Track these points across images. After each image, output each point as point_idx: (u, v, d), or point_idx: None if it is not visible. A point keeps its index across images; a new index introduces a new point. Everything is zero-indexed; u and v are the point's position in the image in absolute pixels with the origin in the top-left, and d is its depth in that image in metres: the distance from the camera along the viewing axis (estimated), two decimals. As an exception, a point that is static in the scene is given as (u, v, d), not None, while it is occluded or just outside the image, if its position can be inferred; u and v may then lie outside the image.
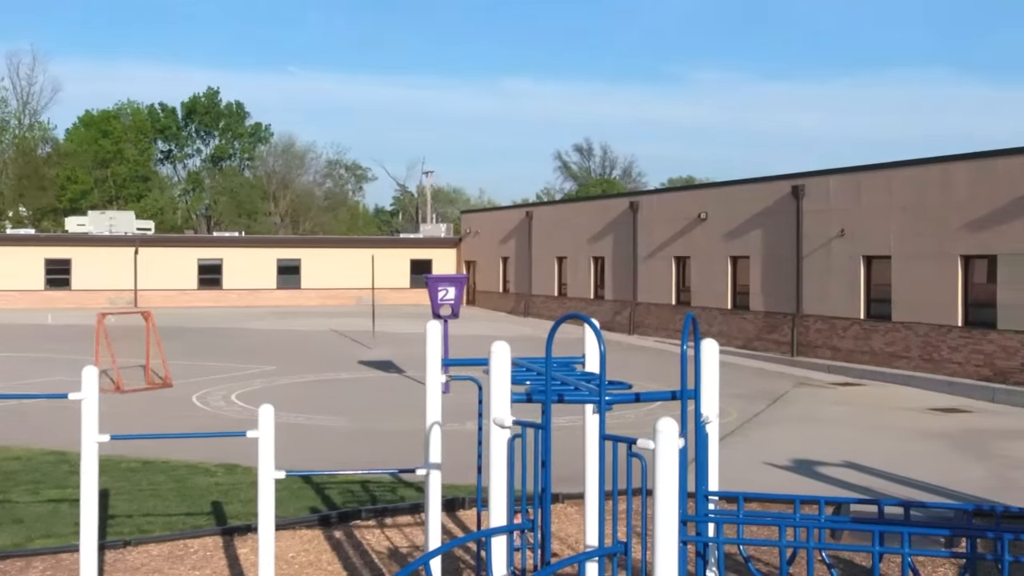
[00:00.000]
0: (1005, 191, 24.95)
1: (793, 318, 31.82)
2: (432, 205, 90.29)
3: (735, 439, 18.25)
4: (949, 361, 26.29)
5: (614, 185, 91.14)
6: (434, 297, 25.04)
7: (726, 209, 35.66)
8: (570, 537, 11.54)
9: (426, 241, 63.67)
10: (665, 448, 5.70)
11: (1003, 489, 14.39)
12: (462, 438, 15.37)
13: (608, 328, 41.65)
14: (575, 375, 8.24)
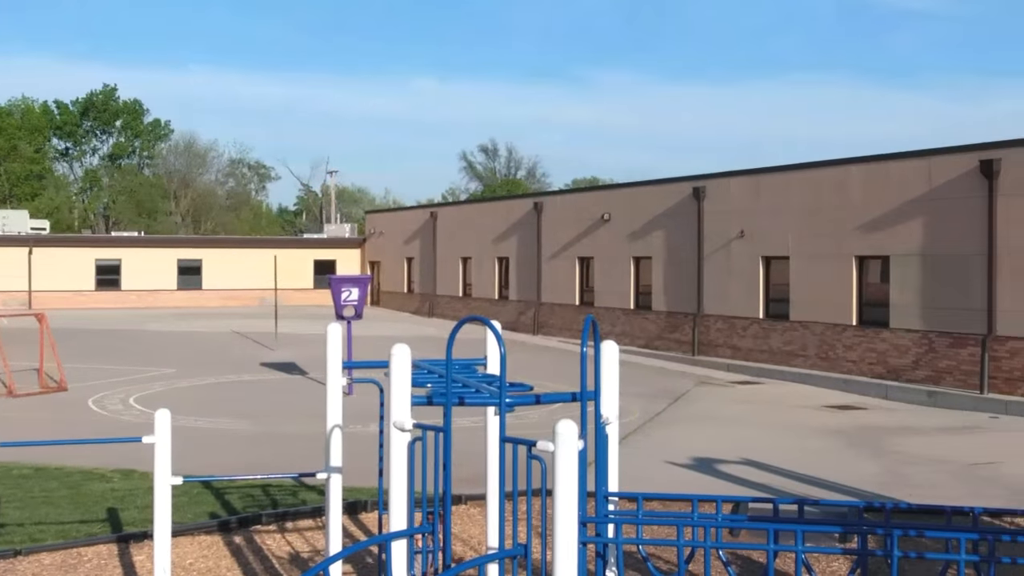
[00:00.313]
0: (897, 194, 25.60)
1: (694, 318, 32.26)
2: (336, 205, 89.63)
3: (637, 438, 18.43)
4: (844, 359, 26.89)
5: (519, 186, 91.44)
6: (337, 298, 24.86)
7: (629, 210, 36.01)
8: (473, 539, 11.54)
9: (330, 241, 63.17)
10: (565, 450, 5.73)
11: (895, 484, 14.76)
12: (365, 440, 15.29)
13: (512, 328, 41.77)
14: (477, 377, 8.24)
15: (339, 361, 8.62)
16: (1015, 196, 22.73)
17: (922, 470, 15.94)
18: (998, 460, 16.73)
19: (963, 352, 23.72)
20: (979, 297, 23.39)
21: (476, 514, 12.31)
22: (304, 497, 13.55)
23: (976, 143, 24.11)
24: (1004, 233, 22.91)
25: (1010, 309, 22.78)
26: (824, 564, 10.59)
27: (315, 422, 17.32)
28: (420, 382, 7.79)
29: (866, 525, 6.41)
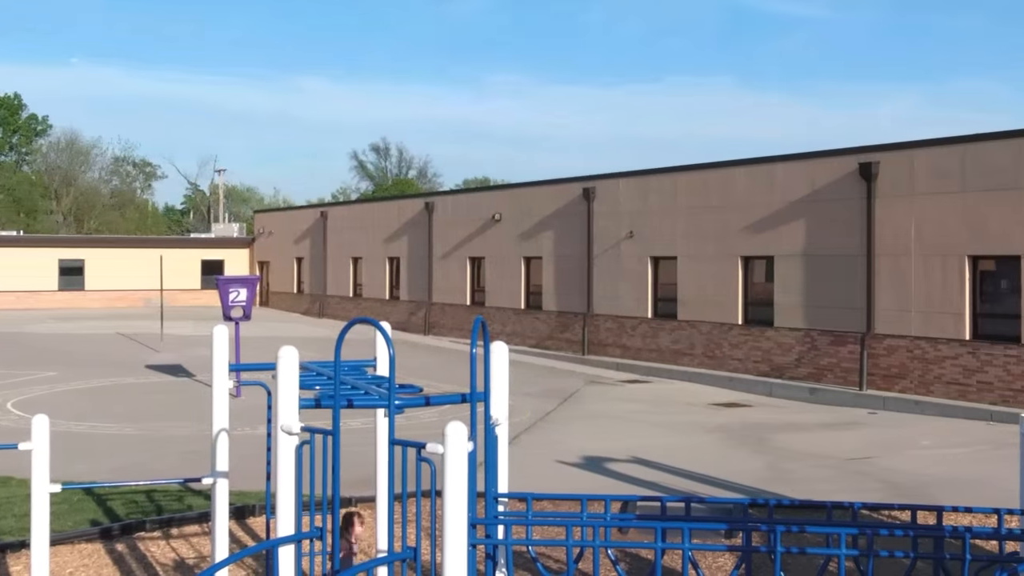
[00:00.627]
0: (781, 195, 26.16)
1: (584, 317, 32.53)
2: (224, 204, 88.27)
3: (528, 438, 18.51)
4: (730, 358, 27.38)
5: (410, 185, 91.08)
6: (225, 299, 24.49)
7: (520, 210, 36.15)
8: (362, 541, 11.46)
9: (218, 241, 62.13)
10: (454, 452, 5.73)
11: (778, 480, 15.08)
12: (253, 443, 15.07)
13: (403, 328, 41.62)
14: (366, 379, 8.19)
15: (225, 364, 8.49)
16: (892, 198, 23.42)
17: (804, 465, 16.31)
18: (875, 455, 17.21)
19: (843, 350, 24.35)
20: (859, 296, 24.03)
21: (366, 516, 12.21)
22: (190, 502, 13.31)
23: (855, 146, 24.77)
24: (882, 234, 23.58)
25: (888, 308, 23.46)
26: (710, 560, 10.77)
27: (201, 425, 17.02)
28: (308, 384, 7.71)
29: (750, 522, 6.54)
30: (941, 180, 22.59)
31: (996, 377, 21.35)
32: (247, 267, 59.98)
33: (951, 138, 22.90)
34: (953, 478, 15.22)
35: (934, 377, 22.47)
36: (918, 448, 18.01)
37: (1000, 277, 22.13)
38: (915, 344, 22.91)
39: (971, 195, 21.99)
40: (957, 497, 13.08)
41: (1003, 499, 10.68)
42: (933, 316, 22.61)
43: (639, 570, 9.80)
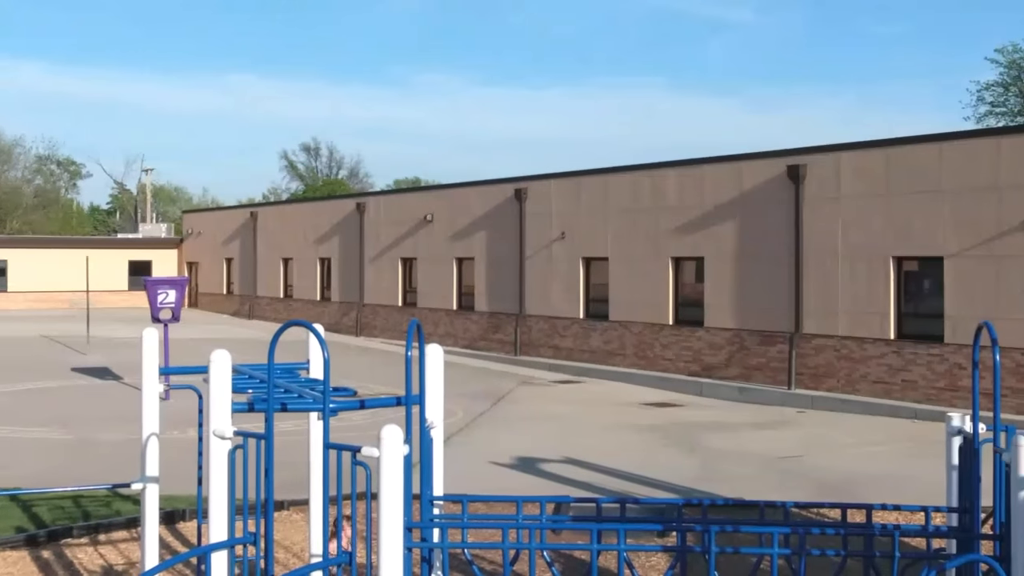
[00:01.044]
0: (711, 197, 26.43)
1: (516, 318, 32.59)
2: (152, 204, 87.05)
3: (461, 439, 18.50)
4: (661, 358, 27.60)
5: (341, 185, 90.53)
6: (153, 300, 24.16)
7: (452, 211, 36.11)
8: (295, 545, 11.38)
9: (146, 242, 61.26)
10: (389, 456, 5.71)
11: (710, 479, 15.23)
12: (183, 447, 14.90)
13: (335, 330, 41.36)
14: (299, 381, 8.13)
15: (155, 367, 8.37)
16: (819, 200, 23.77)
17: (735, 464, 16.49)
18: (804, 453, 17.45)
19: (772, 349, 24.66)
20: (787, 297, 24.35)
21: (299, 520, 12.14)
22: (118, 508, 13.10)
23: (783, 149, 25.11)
24: (809, 235, 23.92)
25: (815, 308, 23.80)
26: (644, 560, 10.84)
27: (130, 429, 16.76)
28: (241, 388, 7.63)
29: (684, 522, 6.60)
30: (866, 182, 22.98)
31: (920, 376, 21.76)
32: (175, 268, 59.21)
33: (876, 141, 23.31)
34: (879, 475, 15.48)
35: (860, 376, 22.84)
36: (845, 446, 18.29)
37: (924, 278, 22.58)
38: (842, 344, 23.27)
39: (895, 197, 22.39)
40: (883, 494, 13.30)
41: (928, 496, 10.88)
42: (859, 316, 22.98)
43: (574, 571, 9.83)
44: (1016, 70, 62.03)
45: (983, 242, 20.84)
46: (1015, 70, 62.03)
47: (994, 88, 63.45)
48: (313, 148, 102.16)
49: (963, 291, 21.19)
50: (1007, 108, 63.06)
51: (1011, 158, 20.56)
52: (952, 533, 6.66)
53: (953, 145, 21.67)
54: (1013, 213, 20.39)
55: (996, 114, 63.10)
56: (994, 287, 20.66)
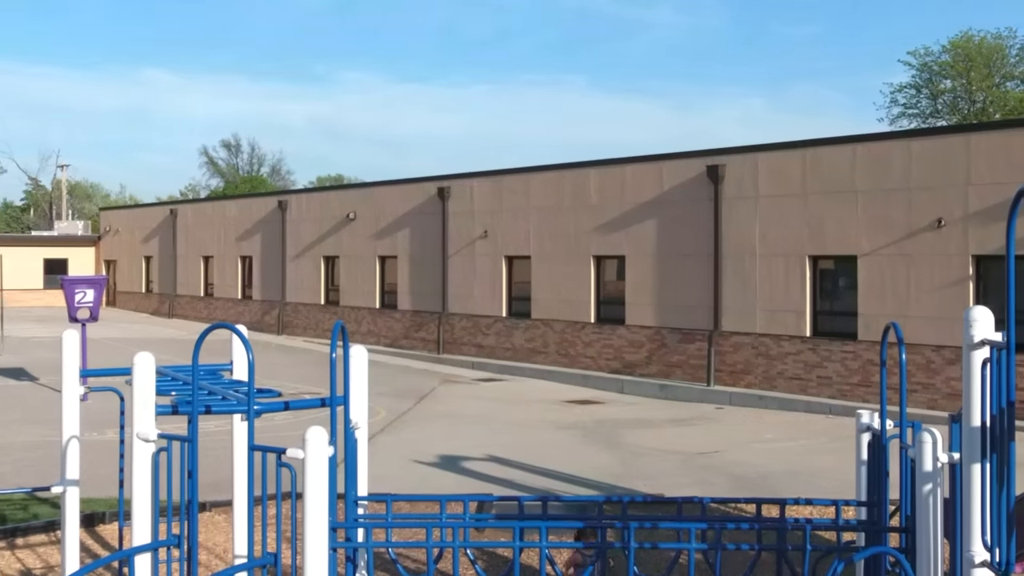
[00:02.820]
0: (632, 196, 26.73)
1: (439, 317, 32.64)
2: (68, 201, 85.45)
3: (384, 438, 18.53)
4: (583, 356, 27.86)
5: (262, 183, 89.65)
6: (71, 300, 23.80)
7: (374, 209, 36.04)
8: (218, 547, 11.34)
9: (62, 239, 60.12)
10: (314, 458, 5.78)
11: (631, 476, 15.46)
12: (102, 449, 14.75)
13: (257, 328, 41.03)
14: (223, 383, 8.13)
15: (76, 369, 8.33)
16: (738, 200, 24.19)
17: (654, 461, 16.75)
18: (722, 449, 17.77)
19: (691, 347, 25.04)
20: (706, 295, 24.74)
21: (221, 521, 12.10)
22: (36, 511, 12.92)
23: (703, 149, 25.51)
24: (728, 235, 24.33)
25: (733, 306, 24.22)
26: (568, 555, 11.00)
27: (47, 431, 16.54)
28: (164, 390, 7.62)
29: (605, 519, 6.75)
30: (783, 183, 23.44)
31: (835, 372, 22.26)
32: (93, 266, 58.24)
33: (792, 142, 23.79)
34: (794, 470, 15.83)
35: (777, 373, 23.29)
36: (762, 442, 18.66)
37: (838, 276, 23.10)
38: (759, 341, 23.71)
39: (811, 197, 22.87)
40: (798, 489, 13.61)
41: (841, 490, 11.18)
42: (776, 314, 23.44)
43: (497, 568, 9.96)
44: (928, 73, 63.49)
45: (895, 241, 21.39)
46: (927, 73, 63.50)
47: (907, 90, 64.91)
48: (234, 144, 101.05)
49: (876, 289, 21.72)
50: (919, 110, 64.55)
51: (921, 160, 21.12)
52: (861, 527, 6.90)
53: (866, 147, 22.20)
54: (923, 213, 20.95)
55: (909, 115, 64.55)
56: (905, 285, 21.21)
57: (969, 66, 60.71)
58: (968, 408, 5.50)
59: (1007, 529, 5.16)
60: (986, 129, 22.48)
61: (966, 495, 5.51)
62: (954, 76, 62.16)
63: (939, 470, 6.09)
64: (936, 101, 63.90)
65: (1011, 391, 5.25)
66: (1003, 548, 5.17)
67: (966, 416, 5.53)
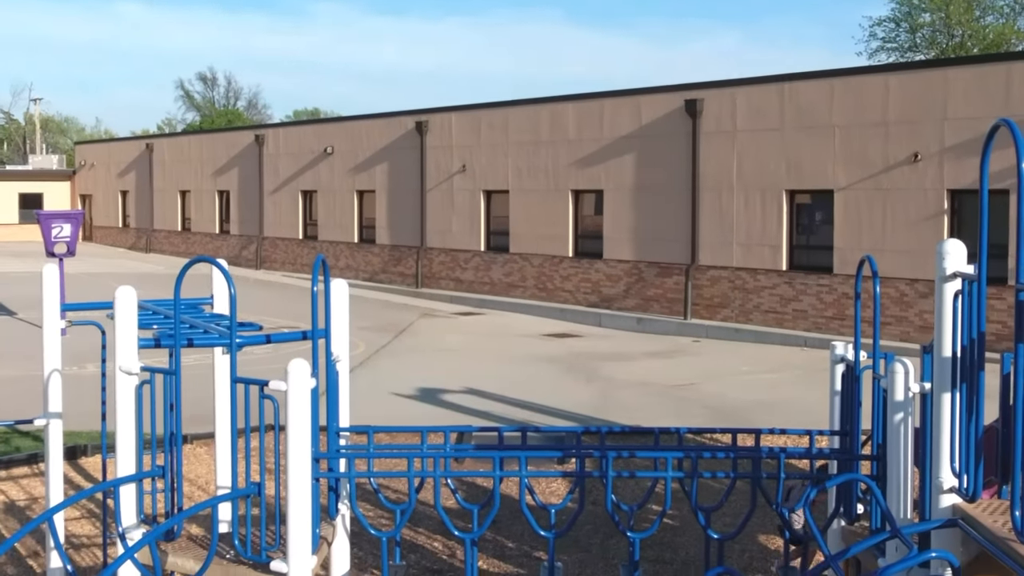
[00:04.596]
0: (610, 131, 26.70)
1: (418, 251, 32.65)
2: (42, 135, 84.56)
3: (363, 371, 18.63)
4: (561, 289, 27.98)
5: (239, 117, 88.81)
6: (47, 235, 23.70)
7: (352, 143, 35.86)
8: (200, 478, 11.48)
9: (36, 174, 59.56)
10: (296, 389, 5.85)
11: (609, 408, 15.64)
12: (82, 382, 14.77)
13: (235, 263, 40.95)
14: (204, 317, 8.18)
15: (57, 303, 8.34)
16: (715, 134, 24.20)
17: (632, 393, 16.94)
18: (699, 381, 17.98)
19: (669, 281, 25.18)
20: (684, 229, 24.83)
21: (203, 453, 12.22)
22: (18, 444, 13.02)
23: (681, 83, 25.44)
24: (706, 169, 24.37)
25: (710, 240, 24.33)
26: (545, 485, 11.18)
27: (27, 365, 16.54)
28: (145, 323, 7.66)
29: (583, 448, 6.87)
30: (761, 118, 23.45)
31: (810, 305, 22.46)
32: (69, 201, 57.81)
33: (770, 77, 23.76)
34: (770, 402, 16.06)
35: (753, 306, 23.48)
36: (738, 374, 18.87)
37: (815, 210, 23.21)
38: (736, 275, 23.87)
39: (788, 132, 22.91)
40: (773, 420, 13.84)
41: (815, 420, 11.36)
42: (753, 248, 23.56)
43: (477, 497, 10.11)
44: (907, 6, 63.21)
45: (871, 176, 21.49)
46: (906, 6, 63.21)
47: (886, 24, 64.64)
48: (210, 78, 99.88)
49: (851, 224, 21.85)
50: (898, 44, 64.31)
51: (899, 94, 21.16)
52: (834, 455, 7.03)
53: (844, 81, 22.20)
54: (900, 148, 21.03)
55: (887, 50, 64.32)
56: (880, 220, 21.35)
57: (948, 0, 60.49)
58: (939, 339, 5.60)
59: (975, 457, 5.29)
60: (963, 63, 22.50)
61: (936, 424, 5.63)
62: (933, 10, 61.88)
63: (910, 400, 6.22)
64: (915, 35, 63.69)
65: (981, 322, 5.36)
66: (970, 475, 5.31)
67: (937, 347, 5.64)
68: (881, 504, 5.78)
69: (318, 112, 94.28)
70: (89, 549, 9.50)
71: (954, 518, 5.41)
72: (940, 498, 5.55)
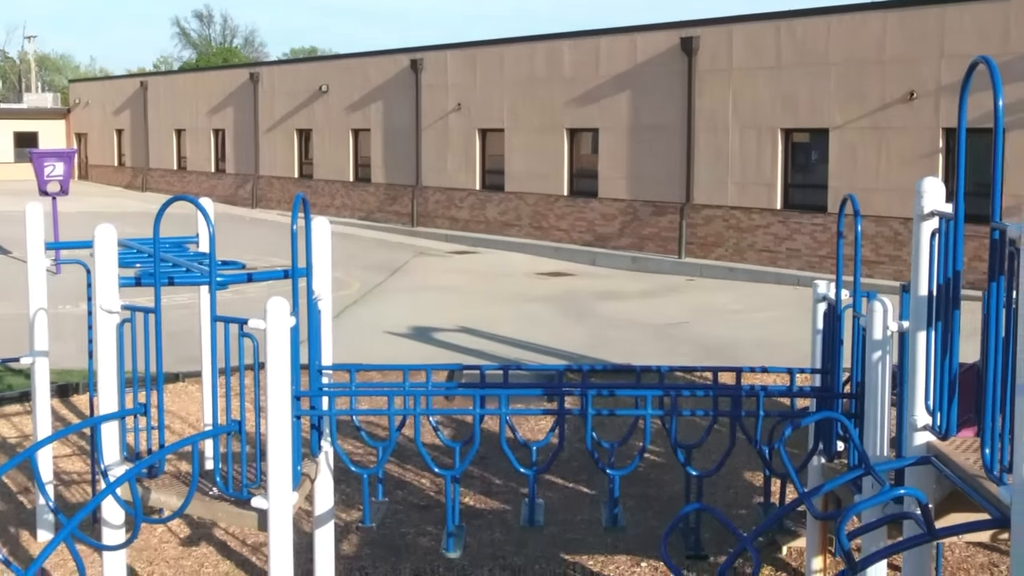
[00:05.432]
0: (605, 69, 26.51)
1: (413, 190, 32.57)
2: (37, 73, 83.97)
3: (357, 310, 18.69)
4: (556, 228, 27.95)
5: (235, 55, 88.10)
6: (40, 173, 23.65)
7: (347, 82, 35.62)
8: (191, 416, 11.56)
9: (31, 112, 59.21)
10: (276, 327, 5.87)
11: (600, 346, 15.70)
12: (76, 320, 14.84)
13: (231, 202, 40.90)
14: (188, 255, 8.19)
15: (41, 242, 8.37)
16: (711, 72, 24.03)
17: (624, 332, 16.99)
18: (691, 320, 18.03)
19: (664, 220, 25.14)
20: (679, 168, 24.75)
21: (194, 391, 12.29)
22: (10, 382, 13.09)
23: (677, 21, 25.23)
24: (701, 107, 24.24)
25: (705, 179, 24.26)
26: (533, 423, 11.26)
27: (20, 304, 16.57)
28: (129, 262, 7.67)
29: (564, 387, 6.90)
30: (757, 56, 23.28)
31: (804, 244, 22.46)
32: (64, 139, 57.53)
33: (767, 14, 23.57)
34: (761, 340, 16.11)
35: (747, 245, 23.48)
36: (731, 313, 18.92)
37: (810, 149, 23.13)
38: (730, 214, 23.83)
39: (784, 70, 22.75)
40: (763, 358, 13.86)
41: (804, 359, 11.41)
42: (748, 187, 23.51)
43: (466, 435, 10.18)
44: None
45: (867, 114, 21.38)
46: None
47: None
48: (206, 15, 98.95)
49: (847, 162, 21.78)
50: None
51: (896, 32, 20.98)
52: (814, 393, 7.08)
53: (841, 19, 22.01)
54: (896, 86, 20.90)
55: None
56: (876, 158, 21.27)
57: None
58: (916, 278, 5.61)
59: (948, 395, 5.32)
60: (961, 0, 22.27)
61: (911, 362, 5.65)
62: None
63: (888, 338, 6.23)
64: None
65: (958, 261, 5.36)
66: (944, 413, 5.34)
67: (914, 285, 5.65)
68: (855, 442, 5.82)
69: (315, 51, 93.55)
70: (79, 485, 9.59)
71: (927, 456, 5.45)
72: (914, 436, 5.58)
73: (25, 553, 8.13)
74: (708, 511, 5.55)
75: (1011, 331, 4.66)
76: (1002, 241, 4.73)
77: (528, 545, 8.29)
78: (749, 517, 8.88)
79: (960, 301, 5.38)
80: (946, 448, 5.38)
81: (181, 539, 8.40)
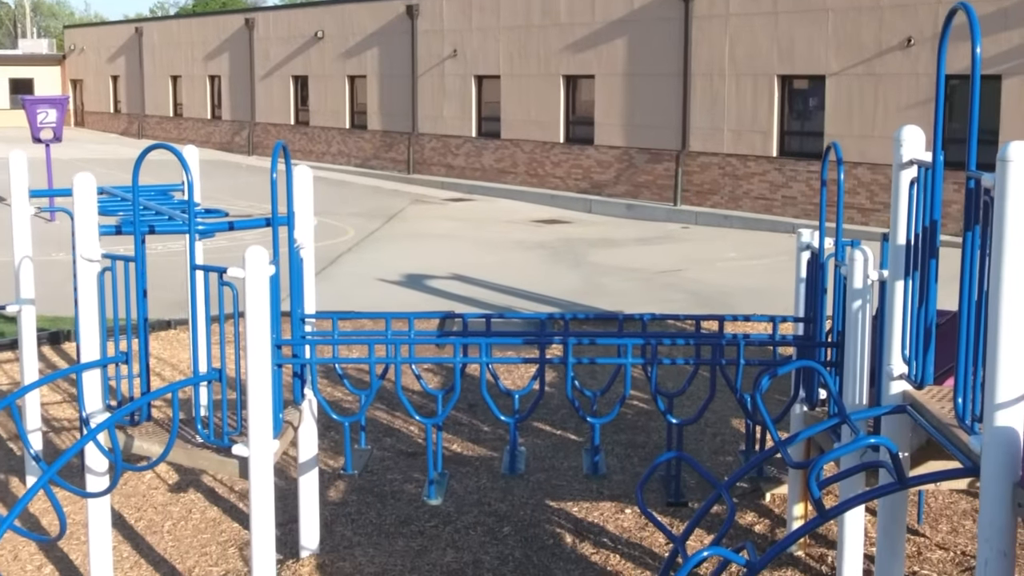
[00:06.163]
0: (602, 15, 26.30)
1: (409, 137, 32.45)
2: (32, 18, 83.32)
3: (351, 256, 18.69)
4: (552, 176, 27.88)
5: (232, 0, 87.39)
6: (33, 120, 23.56)
7: (343, 28, 35.36)
8: (182, 363, 11.60)
9: (26, 58, 58.86)
10: (254, 276, 5.87)
11: (593, 293, 15.72)
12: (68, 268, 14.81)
13: (227, 149, 40.78)
14: (172, 204, 8.18)
15: (25, 189, 8.34)
16: (708, 19, 23.83)
17: (617, 279, 17.00)
18: (685, 267, 18.03)
19: (659, 167, 25.07)
20: (675, 115, 24.63)
21: (185, 339, 12.32)
22: (2, 329, 13.12)
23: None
24: (698, 54, 24.08)
25: (701, 126, 24.15)
26: (524, 371, 11.30)
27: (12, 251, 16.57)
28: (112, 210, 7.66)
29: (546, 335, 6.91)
30: (754, 1, 23.07)
31: (799, 192, 22.41)
32: (59, 86, 57.23)
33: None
34: (754, 288, 16.13)
35: (743, 192, 23.42)
36: (725, 261, 18.92)
37: (807, 96, 22.99)
38: (726, 161, 23.75)
39: (782, 16, 22.56)
40: (756, 306, 13.90)
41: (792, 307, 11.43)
42: (743, 134, 23.41)
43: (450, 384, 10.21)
44: None
45: (864, 61, 21.23)
46: None
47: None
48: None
49: (843, 110, 21.67)
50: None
51: (894, -24, 20.79)
52: (795, 342, 7.09)
53: (839, -37, 21.80)
54: (894, 33, 20.74)
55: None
56: (872, 106, 21.16)
57: None
58: (895, 227, 5.61)
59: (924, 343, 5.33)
60: (962, -56, 22.04)
61: (889, 311, 5.66)
62: None
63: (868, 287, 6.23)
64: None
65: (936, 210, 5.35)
66: (919, 361, 5.35)
67: (893, 234, 5.64)
68: (831, 390, 5.85)
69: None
70: (70, 432, 9.65)
71: (903, 404, 5.47)
72: (890, 384, 5.60)
73: (14, 499, 8.20)
74: (684, 459, 5.57)
75: (984, 281, 4.66)
76: (977, 190, 4.71)
77: (513, 492, 8.35)
78: (735, 464, 8.94)
79: (938, 251, 5.37)
80: (922, 397, 5.40)
81: (169, 486, 8.46)
